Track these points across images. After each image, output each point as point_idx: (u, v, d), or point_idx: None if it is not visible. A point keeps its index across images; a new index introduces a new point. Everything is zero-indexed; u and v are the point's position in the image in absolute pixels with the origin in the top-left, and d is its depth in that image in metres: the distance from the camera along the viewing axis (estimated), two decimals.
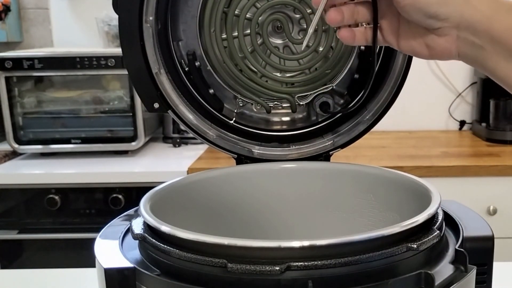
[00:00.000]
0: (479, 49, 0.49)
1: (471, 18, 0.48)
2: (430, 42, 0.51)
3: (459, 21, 0.48)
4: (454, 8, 0.48)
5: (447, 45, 0.50)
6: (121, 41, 0.65)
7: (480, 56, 0.49)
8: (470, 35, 0.49)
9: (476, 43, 0.49)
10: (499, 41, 0.48)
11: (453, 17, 0.48)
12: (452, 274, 0.45)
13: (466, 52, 0.50)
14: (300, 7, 0.67)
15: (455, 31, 0.49)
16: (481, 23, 0.48)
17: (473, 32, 0.48)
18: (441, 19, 0.48)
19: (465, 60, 0.51)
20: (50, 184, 1.74)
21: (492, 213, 1.68)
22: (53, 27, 2.29)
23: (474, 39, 0.49)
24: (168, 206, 0.60)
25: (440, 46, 0.50)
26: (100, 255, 0.49)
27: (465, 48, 0.50)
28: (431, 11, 0.48)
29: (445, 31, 0.49)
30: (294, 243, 0.43)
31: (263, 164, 0.70)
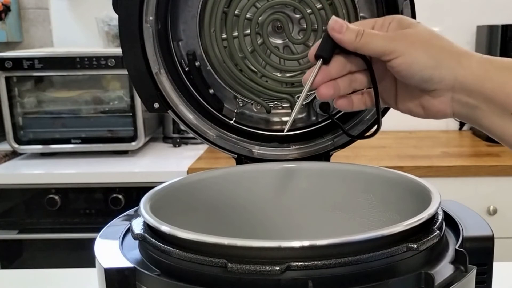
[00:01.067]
0: (474, 108, 0.50)
1: (464, 80, 0.49)
2: (425, 103, 0.52)
3: (453, 83, 0.49)
4: (448, 71, 0.49)
5: (442, 106, 0.51)
6: (121, 41, 0.65)
7: (475, 115, 0.50)
8: (464, 96, 0.50)
9: (471, 103, 0.50)
10: (492, 100, 0.48)
11: (447, 79, 0.49)
12: (452, 274, 0.45)
13: (461, 112, 0.51)
14: (300, 7, 0.67)
15: (449, 93, 0.50)
16: (474, 84, 0.49)
17: (467, 93, 0.49)
18: (436, 82, 0.49)
19: (460, 119, 0.52)
20: (50, 184, 1.74)
21: (492, 213, 1.68)
22: (53, 27, 2.29)
23: (468, 100, 0.50)
24: (168, 206, 0.60)
25: (435, 107, 0.51)
26: (100, 255, 0.49)
27: (460, 108, 0.50)
28: (425, 75, 0.49)
29: (439, 93, 0.50)
30: (294, 243, 0.43)
31: (263, 164, 0.70)
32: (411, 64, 0.49)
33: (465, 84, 0.49)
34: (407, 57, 0.49)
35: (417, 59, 0.49)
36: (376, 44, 0.50)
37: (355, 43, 0.50)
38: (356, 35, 0.50)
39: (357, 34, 0.50)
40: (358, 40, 0.50)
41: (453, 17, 2.17)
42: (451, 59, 0.49)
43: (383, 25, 0.52)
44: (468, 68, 0.49)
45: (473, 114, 0.50)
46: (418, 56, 0.49)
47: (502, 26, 1.93)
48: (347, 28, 0.51)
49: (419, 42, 0.49)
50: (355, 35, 0.50)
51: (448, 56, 0.49)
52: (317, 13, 0.67)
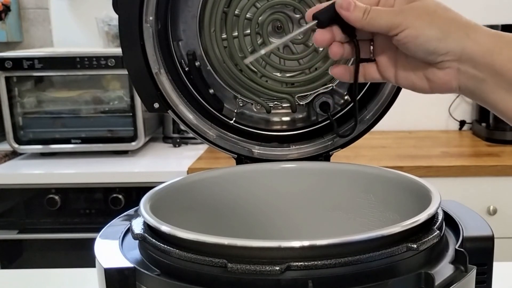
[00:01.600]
0: (480, 82, 0.49)
1: (472, 52, 0.48)
2: (431, 75, 0.51)
3: (460, 54, 0.49)
4: (454, 42, 0.48)
5: (447, 78, 0.50)
6: (121, 41, 0.65)
7: (481, 89, 0.50)
8: (471, 68, 0.49)
9: (477, 76, 0.49)
10: (500, 74, 0.48)
11: (454, 51, 0.49)
12: (452, 274, 0.45)
13: (467, 85, 0.50)
14: (300, 7, 0.67)
15: (456, 64, 0.49)
16: (482, 56, 0.48)
17: (474, 65, 0.49)
18: (442, 54, 0.49)
19: (465, 93, 0.52)
20: (50, 184, 1.74)
21: (492, 213, 1.68)
22: (53, 27, 2.29)
23: (475, 72, 0.49)
24: (168, 206, 0.60)
25: (440, 79, 0.51)
26: (100, 255, 0.49)
27: (466, 81, 0.50)
28: (430, 47, 0.49)
29: (445, 64, 0.50)
30: (294, 243, 0.43)
31: (263, 164, 0.70)
32: (417, 37, 0.49)
33: (472, 56, 0.48)
34: (412, 30, 0.48)
35: (423, 30, 0.48)
36: (382, 20, 0.49)
37: (362, 21, 0.50)
38: (363, 13, 0.50)
39: (364, 11, 0.50)
40: (365, 17, 0.50)
41: None
42: (458, 31, 0.49)
43: None
44: (477, 40, 0.48)
45: (479, 88, 0.50)
46: (423, 28, 0.48)
47: (502, 26, 1.93)
48: (354, 6, 0.50)
49: (425, 14, 0.49)
50: (362, 12, 0.50)
51: (456, 28, 0.49)
52: None
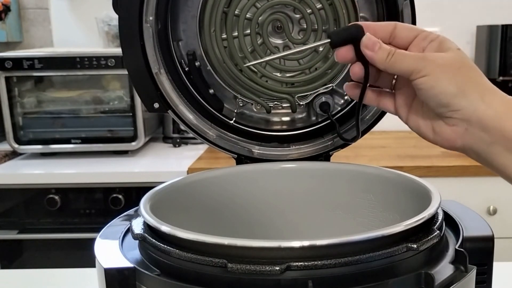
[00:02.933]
0: (488, 145, 0.49)
1: (483, 115, 0.48)
2: (437, 128, 0.51)
3: (470, 115, 0.49)
4: (468, 102, 0.49)
5: (453, 135, 0.51)
6: (121, 41, 0.65)
7: (488, 151, 0.50)
8: (479, 131, 0.49)
9: (485, 139, 0.49)
10: (510, 138, 0.48)
11: (466, 110, 0.49)
12: (452, 274, 0.45)
13: (472, 146, 0.50)
14: (300, 7, 0.67)
15: (464, 124, 0.49)
16: (493, 121, 0.48)
17: (483, 128, 0.49)
18: (453, 110, 0.49)
19: (469, 154, 0.52)
20: (50, 184, 1.74)
21: (492, 213, 1.68)
22: (53, 27, 2.29)
23: (483, 135, 0.49)
24: (168, 206, 0.60)
25: (445, 134, 0.51)
26: (100, 255, 0.49)
27: (471, 142, 0.50)
28: (444, 101, 0.49)
29: (454, 121, 0.50)
30: (294, 243, 0.43)
31: (263, 164, 0.70)
32: (433, 86, 0.49)
33: (483, 119, 0.48)
34: (430, 79, 0.49)
35: (440, 82, 0.49)
36: (404, 64, 0.50)
37: (385, 63, 0.51)
38: (387, 54, 0.51)
39: (389, 53, 0.51)
40: (388, 59, 0.50)
41: (453, 17, 2.17)
42: (474, 92, 0.49)
43: (426, 39, 0.51)
44: (490, 104, 0.48)
45: (485, 151, 0.50)
46: (442, 79, 0.49)
47: (502, 26, 1.93)
48: (379, 47, 0.51)
49: (448, 67, 0.49)
50: (386, 54, 0.51)
51: (473, 88, 0.49)
52: (317, 13, 0.67)
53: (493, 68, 1.97)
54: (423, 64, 0.49)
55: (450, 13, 2.17)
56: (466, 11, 2.17)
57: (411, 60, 0.50)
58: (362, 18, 0.68)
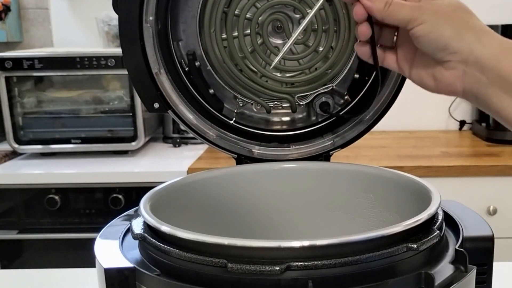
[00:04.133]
0: (485, 86, 0.50)
1: (480, 55, 0.49)
2: (438, 74, 0.52)
3: (467, 56, 0.49)
4: (465, 43, 0.49)
5: (452, 79, 0.51)
6: (121, 41, 0.65)
7: (486, 94, 0.50)
8: (477, 72, 0.50)
9: (483, 80, 0.50)
10: (506, 79, 0.48)
11: (463, 52, 0.50)
12: (452, 274, 0.45)
13: (472, 89, 0.51)
14: (300, 7, 0.67)
15: (462, 66, 0.50)
16: (490, 61, 0.49)
17: (481, 69, 0.49)
18: (451, 53, 0.50)
19: (469, 98, 0.52)
20: (50, 184, 1.74)
21: (492, 213, 1.68)
22: (53, 27, 2.29)
23: (480, 76, 0.50)
24: (168, 206, 0.60)
25: (446, 79, 0.52)
26: (100, 255, 0.49)
27: (470, 84, 0.50)
28: (441, 44, 0.50)
29: (452, 64, 0.50)
30: (294, 243, 0.43)
31: (263, 164, 0.70)
32: (430, 32, 0.50)
33: (480, 60, 0.49)
34: (426, 25, 0.50)
35: (436, 27, 0.50)
36: (401, 13, 0.51)
37: (383, 12, 0.52)
38: (384, 4, 0.51)
39: (386, 3, 0.51)
40: (386, 9, 0.51)
41: None
42: (471, 33, 0.50)
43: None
44: (486, 44, 0.49)
45: (483, 93, 0.50)
46: (437, 24, 0.50)
47: (502, 26, 1.93)
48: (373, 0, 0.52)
49: (443, 13, 0.50)
50: (383, 4, 0.51)
51: (469, 30, 0.50)
52: (317, 13, 0.67)
53: None
54: (419, 12, 0.50)
55: None
56: None
57: (407, 9, 0.51)
58: None
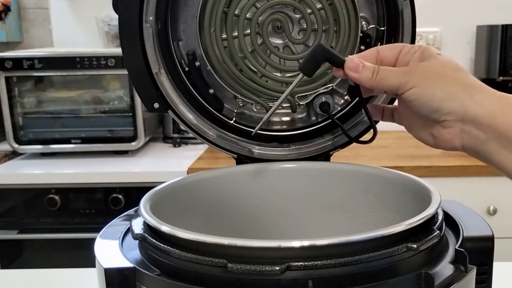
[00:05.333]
0: (484, 142, 0.50)
1: (475, 113, 0.49)
2: (436, 132, 0.53)
3: (463, 115, 0.50)
4: (458, 103, 0.49)
5: (450, 137, 0.51)
6: (121, 41, 0.65)
7: (485, 149, 0.50)
8: (474, 129, 0.50)
9: (481, 136, 0.50)
10: (503, 135, 0.49)
11: (457, 111, 0.50)
12: (452, 274, 0.45)
13: (471, 145, 0.51)
14: (300, 7, 0.67)
15: (459, 124, 0.50)
16: (485, 118, 0.49)
17: (477, 126, 0.49)
18: (445, 113, 0.50)
19: (469, 153, 0.53)
20: (50, 184, 1.74)
21: (492, 213, 1.68)
22: (53, 27, 2.29)
23: (478, 133, 0.50)
24: (168, 206, 0.60)
25: (444, 137, 0.52)
26: (100, 255, 0.49)
27: (469, 141, 0.51)
28: (434, 106, 0.50)
29: (449, 123, 0.51)
30: (294, 243, 0.43)
31: (263, 164, 0.70)
32: (421, 96, 0.50)
33: (475, 118, 0.49)
34: (417, 89, 0.50)
35: (427, 90, 0.50)
36: (391, 80, 0.51)
37: (372, 81, 0.52)
38: (372, 73, 0.51)
39: (373, 72, 0.51)
40: (374, 77, 0.51)
41: (453, 17, 2.17)
42: (462, 92, 0.49)
43: (409, 52, 0.53)
44: (480, 102, 0.49)
45: (483, 148, 0.50)
46: (428, 87, 0.50)
47: (502, 26, 1.93)
48: (363, 67, 0.52)
49: (431, 74, 0.50)
50: (371, 73, 0.52)
51: (460, 89, 0.50)
52: (317, 13, 0.67)
53: (493, 68, 1.97)
54: (408, 77, 0.50)
55: (450, 13, 2.17)
56: (466, 11, 2.17)
57: (396, 75, 0.51)
58: (362, 18, 0.68)
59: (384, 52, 0.54)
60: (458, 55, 2.19)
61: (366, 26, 0.69)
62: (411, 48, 0.53)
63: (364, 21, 0.69)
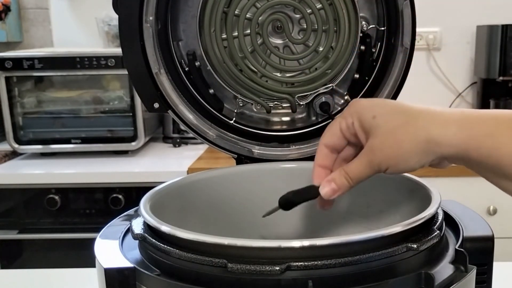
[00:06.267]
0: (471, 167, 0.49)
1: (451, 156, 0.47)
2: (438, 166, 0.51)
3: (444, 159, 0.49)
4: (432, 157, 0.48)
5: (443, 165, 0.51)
6: (121, 41, 0.65)
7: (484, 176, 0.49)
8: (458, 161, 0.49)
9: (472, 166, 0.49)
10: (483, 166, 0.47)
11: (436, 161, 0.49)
12: (452, 274, 0.45)
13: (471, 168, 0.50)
14: (300, 7, 0.67)
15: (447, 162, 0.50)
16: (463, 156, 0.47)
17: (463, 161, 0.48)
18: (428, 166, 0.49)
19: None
20: (50, 184, 1.74)
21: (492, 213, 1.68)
22: (53, 27, 2.29)
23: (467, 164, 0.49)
24: (168, 206, 0.60)
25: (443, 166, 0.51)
26: (100, 255, 0.49)
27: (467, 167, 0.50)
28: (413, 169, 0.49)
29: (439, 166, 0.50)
30: (294, 243, 0.43)
31: (263, 164, 0.70)
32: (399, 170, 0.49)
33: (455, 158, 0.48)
34: (392, 169, 0.49)
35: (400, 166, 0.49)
36: (365, 173, 0.50)
37: (352, 184, 0.51)
38: (345, 179, 0.51)
39: (345, 178, 0.51)
40: (350, 181, 0.51)
41: (453, 17, 2.17)
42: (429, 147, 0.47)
43: (348, 127, 0.51)
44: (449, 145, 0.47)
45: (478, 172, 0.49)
46: (399, 163, 0.48)
47: (502, 26, 1.93)
48: (336, 185, 0.52)
49: (390, 147, 0.48)
50: (345, 180, 0.51)
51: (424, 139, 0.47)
52: (317, 13, 0.67)
53: (493, 68, 1.97)
54: (375, 163, 0.49)
55: (450, 13, 2.17)
56: (466, 11, 2.17)
57: (364, 167, 0.50)
58: (362, 18, 0.68)
59: (334, 145, 0.53)
60: (458, 55, 2.19)
61: (366, 26, 0.69)
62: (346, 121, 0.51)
63: (364, 21, 0.69)
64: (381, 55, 0.69)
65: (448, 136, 0.46)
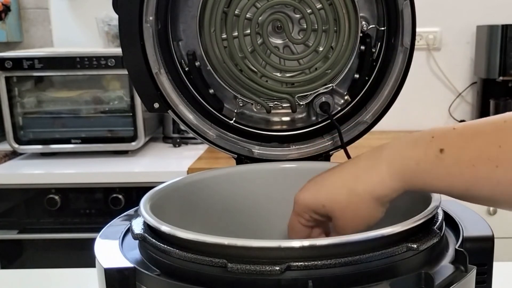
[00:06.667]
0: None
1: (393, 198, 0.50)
2: None
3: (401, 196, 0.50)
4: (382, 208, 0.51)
5: None
6: (121, 41, 0.65)
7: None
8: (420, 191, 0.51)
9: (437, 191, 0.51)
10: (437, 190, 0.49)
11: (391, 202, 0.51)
12: (452, 274, 0.45)
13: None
14: (300, 7, 0.67)
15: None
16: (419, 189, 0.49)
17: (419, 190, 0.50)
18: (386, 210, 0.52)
19: None
20: (50, 184, 1.74)
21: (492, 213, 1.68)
22: (53, 27, 2.29)
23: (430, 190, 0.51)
24: (168, 206, 0.60)
25: None
26: (100, 255, 0.49)
27: None
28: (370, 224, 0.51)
29: None
30: (294, 243, 0.43)
31: (263, 164, 0.70)
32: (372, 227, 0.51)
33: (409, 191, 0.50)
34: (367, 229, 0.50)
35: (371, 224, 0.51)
36: None
37: None
38: None
39: None
40: None
41: (453, 17, 2.17)
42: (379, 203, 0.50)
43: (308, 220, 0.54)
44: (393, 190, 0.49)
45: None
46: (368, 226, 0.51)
47: (502, 26, 1.93)
48: None
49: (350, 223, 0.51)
50: None
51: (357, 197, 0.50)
52: (317, 13, 0.67)
53: (493, 68, 1.97)
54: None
55: (450, 13, 2.17)
56: (466, 11, 2.17)
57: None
58: (362, 18, 0.68)
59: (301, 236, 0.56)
60: (458, 55, 2.19)
61: (366, 26, 0.69)
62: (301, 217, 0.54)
63: (364, 21, 0.69)
64: (381, 55, 0.69)
65: (387, 185, 0.49)
